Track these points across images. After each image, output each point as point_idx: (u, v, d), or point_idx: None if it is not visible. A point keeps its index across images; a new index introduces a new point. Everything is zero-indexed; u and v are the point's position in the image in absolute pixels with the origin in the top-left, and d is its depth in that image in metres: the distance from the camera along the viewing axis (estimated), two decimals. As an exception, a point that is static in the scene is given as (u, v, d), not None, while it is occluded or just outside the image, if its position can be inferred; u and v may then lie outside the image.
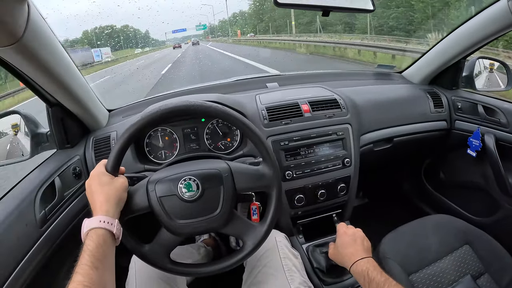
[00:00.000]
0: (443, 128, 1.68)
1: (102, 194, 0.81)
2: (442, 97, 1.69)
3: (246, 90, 1.62)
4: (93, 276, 0.66)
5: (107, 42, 37.12)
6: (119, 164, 0.89)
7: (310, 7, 1.08)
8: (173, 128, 1.33)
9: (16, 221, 0.98)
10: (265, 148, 0.94)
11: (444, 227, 1.27)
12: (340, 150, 1.39)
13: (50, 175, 1.15)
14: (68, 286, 0.64)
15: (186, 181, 0.89)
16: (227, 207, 0.91)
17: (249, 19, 48.48)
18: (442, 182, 1.88)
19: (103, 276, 0.69)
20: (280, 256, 1.09)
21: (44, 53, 0.94)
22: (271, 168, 0.95)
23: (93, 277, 0.66)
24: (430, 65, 1.71)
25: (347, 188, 1.40)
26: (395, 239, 1.25)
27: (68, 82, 1.11)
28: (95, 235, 0.74)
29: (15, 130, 1.27)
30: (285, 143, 1.32)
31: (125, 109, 1.58)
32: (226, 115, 0.92)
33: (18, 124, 1.27)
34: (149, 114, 0.89)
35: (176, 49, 40.38)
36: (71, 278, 0.66)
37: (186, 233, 0.92)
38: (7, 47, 0.81)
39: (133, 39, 43.65)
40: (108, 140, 1.32)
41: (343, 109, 1.42)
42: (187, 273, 0.97)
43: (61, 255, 1.19)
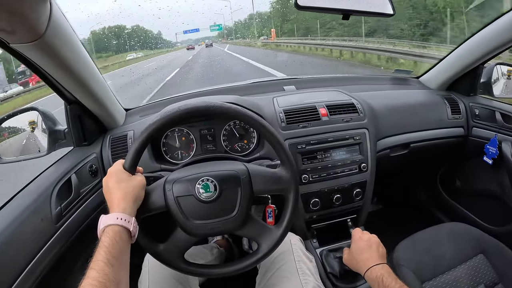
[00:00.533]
0: (460, 135, 1.66)
1: (119, 191, 0.82)
2: (459, 103, 1.67)
3: (263, 93, 1.62)
4: (108, 273, 0.66)
5: (115, 43, 36.29)
6: (137, 162, 0.89)
7: (331, 11, 1.08)
8: (190, 129, 1.33)
9: (32, 216, 0.98)
10: (283, 150, 0.94)
11: (459, 235, 1.25)
12: (357, 155, 1.38)
13: (66, 172, 1.16)
14: (82, 282, 0.64)
15: (203, 182, 0.89)
16: (244, 209, 0.91)
17: (268, 20, 42.49)
18: (457, 190, 1.86)
19: (118, 273, 0.69)
20: (294, 259, 1.09)
21: (64, 50, 0.95)
22: (288, 171, 0.94)
23: (108, 274, 0.66)
24: (448, 70, 1.69)
25: (363, 193, 1.40)
26: (409, 246, 1.23)
27: (87, 80, 1.11)
28: (111, 232, 0.74)
29: (32, 127, 1.28)
30: (302, 146, 1.32)
31: (142, 109, 1.59)
32: (245, 116, 0.92)
33: (35, 121, 1.29)
34: (169, 114, 0.90)
35: (190, 50, 38.57)
36: (85, 273, 0.66)
37: (201, 234, 0.92)
38: (29, 44, 0.83)
39: (144, 40, 42.64)
40: (125, 139, 1.33)
41: (361, 114, 1.41)
42: (201, 274, 0.97)
43: (75, 252, 1.20)
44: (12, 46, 0.84)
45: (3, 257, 0.85)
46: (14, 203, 1.01)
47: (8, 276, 0.85)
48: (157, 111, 1.40)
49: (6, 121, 1.23)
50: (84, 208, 1.19)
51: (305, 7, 1.03)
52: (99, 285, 0.63)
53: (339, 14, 1.10)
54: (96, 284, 0.63)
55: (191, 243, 0.94)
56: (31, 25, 0.78)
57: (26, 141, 1.30)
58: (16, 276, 0.87)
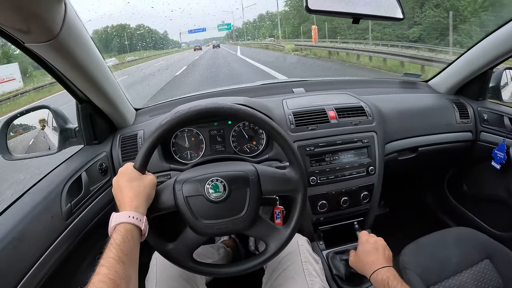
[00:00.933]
0: (468, 139, 1.65)
1: (131, 190, 0.83)
2: (468, 107, 1.67)
3: (272, 95, 1.63)
4: (118, 270, 0.67)
5: (117, 43, 35.59)
6: (147, 162, 0.90)
7: (341, 14, 1.08)
8: (200, 129, 1.34)
9: (42, 212, 1.00)
10: (292, 152, 0.94)
11: (465, 240, 1.25)
12: (365, 158, 1.38)
13: (77, 170, 1.17)
14: (92, 278, 0.65)
15: (213, 182, 0.90)
16: (253, 209, 0.91)
17: (285, 20, 38.21)
18: (465, 194, 1.85)
19: (128, 271, 0.70)
20: (301, 260, 1.09)
21: (78, 50, 0.96)
22: (297, 172, 0.95)
23: (119, 271, 0.67)
24: (457, 75, 1.68)
25: (370, 196, 1.40)
26: (415, 250, 1.23)
27: (99, 80, 1.13)
28: (123, 230, 0.75)
29: (43, 125, 1.30)
30: (310, 148, 1.32)
31: (152, 109, 1.60)
32: (254, 118, 0.93)
33: (46, 119, 1.31)
34: (179, 114, 0.90)
35: (197, 51, 37.68)
36: (95, 270, 0.67)
37: (210, 234, 0.93)
38: (43, 44, 0.84)
39: (147, 40, 41.48)
40: (135, 138, 1.34)
41: (369, 117, 1.41)
42: (209, 273, 0.98)
43: (84, 249, 1.21)
44: (27, 45, 0.85)
45: (14, 252, 0.87)
46: (25, 199, 1.02)
47: (19, 271, 0.86)
48: (167, 111, 1.41)
49: (18, 118, 1.25)
50: (94, 206, 1.20)
51: (315, 10, 1.03)
52: (110, 282, 0.64)
53: (349, 18, 1.10)
54: (107, 281, 0.64)
55: (200, 242, 0.95)
56: (46, 25, 0.79)
57: (37, 139, 1.31)
58: (26, 270, 0.88)
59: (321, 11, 1.05)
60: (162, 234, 0.92)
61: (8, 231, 0.88)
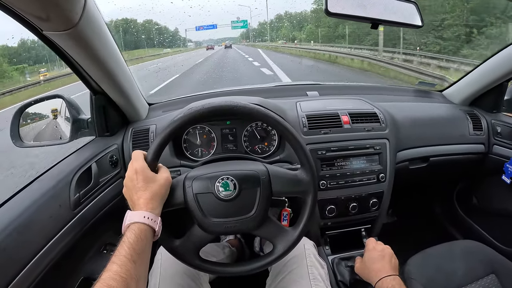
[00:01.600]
0: (480, 152, 1.63)
1: (147, 191, 0.82)
2: (482, 119, 1.65)
3: (286, 97, 1.62)
4: (130, 268, 0.67)
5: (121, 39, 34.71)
6: (159, 157, 0.90)
7: (360, 19, 1.08)
8: (212, 127, 1.34)
9: (50, 200, 1.00)
10: (304, 154, 0.94)
11: (472, 253, 1.23)
12: (376, 164, 1.38)
13: (87, 160, 1.18)
14: (102, 275, 0.64)
15: (223, 180, 0.90)
16: (262, 209, 0.91)
17: (315, 21, 31.07)
18: (473, 207, 1.83)
19: (139, 270, 0.70)
20: (307, 263, 1.08)
21: (96, 41, 0.97)
22: (308, 174, 0.94)
23: (130, 270, 0.66)
24: (472, 86, 1.66)
25: (379, 203, 1.39)
26: (421, 260, 1.23)
27: (115, 72, 1.13)
28: (137, 229, 0.75)
29: (55, 114, 1.31)
30: (322, 152, 1.32)
31: (165, 104, 1.61)
32: (268, 118, 0.93)
33: (58, 109, 1.32)
34: (193, 111, 0.90)
35: (209, 50, 35.37)
36: (98, 262, 0.67)
37: (218, 232, 0.93)
38: (62, 32, 0.84)
39: (153, 37, 40.00)
40: (147, 133, 1.34)
41: (382, 124, 1.40)
42: (215, 272, 0.98)
43: (89, 240, 1.22)
44: (45, 33, 0.85)
45: (19, 238, 0.87)
46: (34, 186, 1.03)
47: (23, 257, 0.87)
48: (180, 108, 1.41)
49: (32, 105, 1.26)
50: (102, 197, 1.21)
51: (335, 14, 1.03)
52: (121, 280, 0.64)
53: (368, 22, 1.10)
54: (118, 278, 0.64)
55: (207, 240, 0.95)
56: (65, 14, 0.79)
57: (49, 128, 1.32)
58: (30, 258, 0.88)
59: (341, 14, 1.05)
60: (169, 231, 0.92)
61: (15, 217, 0.89)
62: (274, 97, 1.54)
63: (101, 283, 0.62)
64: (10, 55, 17.26)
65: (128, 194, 0.85)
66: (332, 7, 1.02)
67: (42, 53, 16.95)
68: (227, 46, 38.78)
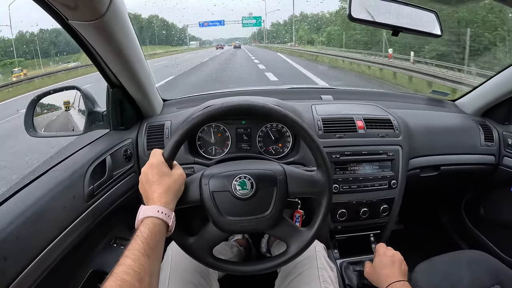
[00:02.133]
0: (490, 163, 1.63)
1: (161, 185, 0.82)
2: (493, 131, 1.65)
3: (300, 99, 1.62)
4: (144, 263, 0.66)
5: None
6: (176, 153, 0.90)
7: (382, 25, 1.10)
8: (227, 126, 1.34)
9: (65, 191, 1.00)
10: (321, 155, 0.94)
11: (478, 263, 1.23)
12: (388, 171, 1.38)
13: (102, 153, 1.18)
14: (115, 269, 0.64)
15: (241, 179, 0.90)
16: (278, 209, 0.91)
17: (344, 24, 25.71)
18: (481, 218, 1.83)
19: (152, 265, 0.69)
20: (317, 266, 1.08)
21: (119, 34, 0.97)
22: (324, 176, 0.94)
23: (144, 264, 0.66)
24: (485, 96, 1.66)
25: (389, 209, 1.40)
26: (428, 268, 1.22)
27: (134, 66, 1.14)
28: (151, 224, 0.74)
29: (67, 106, 1.32)
30: (336, 156, 1.32)
31: (180, 101, 1.62)
32: (287, 119, 0.93)
33: (70, 101, 1.32)
34: (212, 109, 0.91)
35: (219, 49, 35.18)
36: (108, 256, 0.67)
37: (233, 230, 0.94)
38: (87, 22, 0.85)
39: (157, 34, 38.06)
40: (162, 129, 1.35)
41: (396, 130, 1.41)
42: (228, 270, 0.98)
43: (100, 233, 1.22)
44: (71, 22, 0.86)
45: (32, 227, 0.87)
46: (48, 176, 1.03)
47: (35, 247, 0.87)
48: (195, 105, 1.42)
49: (47, 96, 1.27)
50: (115, 190, 1.21)
51: (358, 19, 1.05)
52: (134, 274, 0.63)
53: (389, 29, 1.11)
54: (131, 272, 0.63)
55: (221, 238, 0.96)
56: (93, 4, 0.80)
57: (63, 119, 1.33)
58: (42, 248, 0.88)
59: (364, 20, 1.06)
60: (183, 228, 0.92)
61: (29, 206, 0.89)
62: (288, 99, 1.54)
63: (114, 277, 0.62)
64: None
65: (143, 188, 0.85)
66: (355, 13, 1.04)
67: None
68: (236, 46, 38.02)
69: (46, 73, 8.99)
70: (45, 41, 17.51)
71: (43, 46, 16.34)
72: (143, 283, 0.64)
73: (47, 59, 15.98)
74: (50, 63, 15.29)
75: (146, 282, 0.65)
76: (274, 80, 10.55)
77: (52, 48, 17.95)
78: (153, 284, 0.69)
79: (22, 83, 11.24)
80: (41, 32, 17.98)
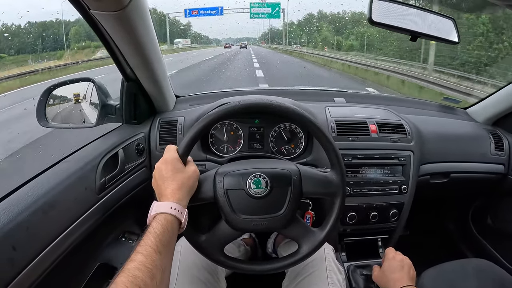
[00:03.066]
0: (500, 172, 1.62)
1: (175, 181, 0.82)
2: (504, 140, 1.64)
3: (313, 101, 1.62)
4: (155, 259, 0.66)
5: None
6: (191, 149, 0.90)
7: (401, 30, 1.10)
8: (240, 125, 1.34)
9: (77, 182, 1.00)
10: (336, 156, 0.94)
11: (484, 272, 1.23)
12: (399, 176, 1.38)
13: (115, 146, 1.18)
14: (127, 264, 0.64)
15: (256, 177, 0.90)
16: (291, 209, 0.91)
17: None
18: (488, 227, 1.83)
19: (164, 262, 0.69)
20: (326, 268, 1.08)
21: (140, 27, 0.97)
22: (339, 176, 0.94)
23: (156, 260, 0.66)
24: (497, 105, 1.66)
25: (399, 214, 1.39)
26: (435, 275, 1.22)
27: (151, 60, 1.14)
28: (164, 220, 0.74)
29: (76, 99, 1.32)
30: (348, 159, 1.32)
31: (192, 98, 1.62)
32: (303, 118, 0.93)
33: (79, 94, 1.32)
34: (228, 106, 0.91)
35: (226, 48, 33.54)
36: (116, 250, 0.66)
37: (246, 229, 0.93)
38: (109, 13, 0.85)
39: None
40: (175, 124, 1.35)
41: (408, 136, 1.40)
42: (240, 269, 0.97)
43: (109, 226, 1.22)
44: (93, 12, 0.86)
45: (44, 217, 0.87)
46: (61, 167, 1.03)
47: (45, 237, 0.86)
48: (208, 102, 1.42)
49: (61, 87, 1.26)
50: (126, 184, 1.21)
51: (378, 23, 1.05)
52: (146, 270, 0.63)
53: (408, 34, 1.12)
54: (143, 269, 0.63)
55: (234, 237, 0.95)
56: None
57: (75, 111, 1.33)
58: (52, 238, 0.88)
59: (384, 24, 1.07)
60: (193, 225, 0.92)
61: (41, 195, 0.88)
62: (301, 100, 1.54)
63: (126, 273, 0.61)
64: None
65: (156, 184, 0.85)
66: (376, 16, 1.04)
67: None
68: (242, 46, 35.04)
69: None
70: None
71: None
72: (155, 280, 0.64)
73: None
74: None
75: (157, 279, 0.65)
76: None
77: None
78: (165, 280, 0.69)
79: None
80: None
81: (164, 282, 0.69)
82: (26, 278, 0.79)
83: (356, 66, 13.51)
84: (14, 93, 7.72)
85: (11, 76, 9.07)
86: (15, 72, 9.73)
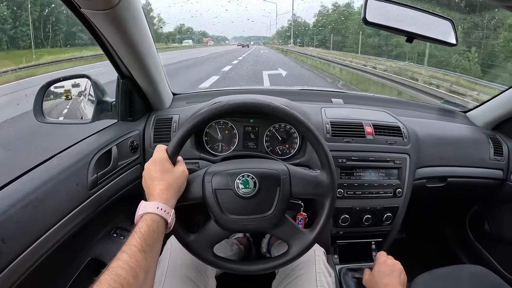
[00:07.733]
0: (498, 178, 1.60)
1: (162, 181, 0.83)
2: (503, 145, 1.62)
3: (310, 101, 1.62)
4: (139, 259, 0.66)
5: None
6: (180, 149, 0.90)
7: (396, 31, 1.09)
8: (235, 124, 1.34)
9: (68, 178, 1.01)
10: (326, 156, 0.93)
11: (479, 279, 1.23)
12: (394, 179, 1.36)
13: (108, 143, 1.19)
14: (112, 263, 0.64)
15: (243, 177, 0.89)
16: (280, 209, 0.90)
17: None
18: (485, 233, 1.80)
19: (149, 261, 0.69)
20: (316, 270, 1.07)
21: (132, 25, 0.98)
22: (329, 177, 0.94)
23: (140, 260, 0.66)
24: (497, 110, 1.64)
25: (393, 218, 1.38)
26: (428, 280, 1.22)
27: (145, 58, 1.14)
28: (150, 220, 0.75)
29: (66, 96, 1.32)
30: (342, 160, 1.31)
31: (189, 96, 1.62)
32: (292, 118, 0.93)
33: (70, 91, 1.32)
34: (217, 106, 0.91)
35: (239, 46, 33.38)
36: (107, 245, 0.67)
37: (234, 229, 0.93)
38: (100, 12, 0.85)
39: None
40: (169, 122, 1.35)
41: (405, 139, 1.39)
42: (229, 269, 0.97)
43: (100, 221, 1.23)
44: (83, 11, 0.87)
45: (34, 212, 0.87)
46: (53, 162, 1.04)
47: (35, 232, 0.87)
48: (204, 101, 1.42)
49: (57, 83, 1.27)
50: (118, 181, 1.21)
51: (372, 23, 1.05)
52: (129, 269, 0.63)
53: (404, 35, 1.11)
54: (127, 268, 0.63)
55: (223, 237, 0.95)
56: None
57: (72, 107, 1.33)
58: (41, 233, 0.88)
59: (378, 24, 1.06)
60: (183, 225, 0.92)
61: (32, 190, 0.89)
62: (299, 100, 1.53)
63: (110, 271, 0.62)
64: None
65: (145, 184, 0.86)
66: (370, 16, 1.04)
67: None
68: (244, 45, 35.15)
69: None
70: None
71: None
72: (138, 279, 0.64)
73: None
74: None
75: (141, 278, 0.65)
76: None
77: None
78: (149, 280, 0.69)
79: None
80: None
81: (148, 281, 0.69)
82: (14, 271, 0.80)
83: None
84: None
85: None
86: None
